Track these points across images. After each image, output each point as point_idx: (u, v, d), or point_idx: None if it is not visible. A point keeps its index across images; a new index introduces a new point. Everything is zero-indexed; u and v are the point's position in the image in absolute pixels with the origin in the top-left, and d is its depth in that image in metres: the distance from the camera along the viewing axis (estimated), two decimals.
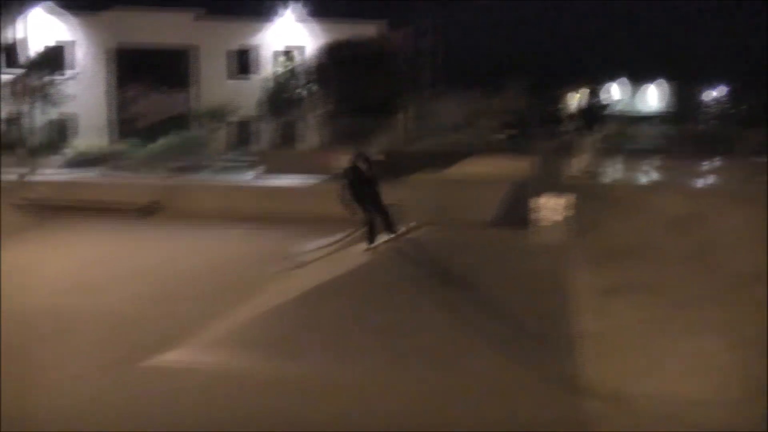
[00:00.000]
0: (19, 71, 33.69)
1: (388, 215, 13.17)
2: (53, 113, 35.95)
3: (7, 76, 35.01)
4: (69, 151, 33.81)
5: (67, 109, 36.29)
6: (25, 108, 30.65)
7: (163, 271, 16.09)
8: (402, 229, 13.16)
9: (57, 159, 32.38)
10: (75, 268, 16.28)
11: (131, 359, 10.04)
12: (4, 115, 34.64)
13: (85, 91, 38.24)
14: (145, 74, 37.37)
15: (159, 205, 25.49)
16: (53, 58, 37.33)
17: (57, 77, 36.25)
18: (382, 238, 13.36)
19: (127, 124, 36.83)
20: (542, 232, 12.21)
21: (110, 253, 18.40)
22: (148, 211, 25.17)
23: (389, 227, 13.21)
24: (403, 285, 11.35)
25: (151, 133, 34.47)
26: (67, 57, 39.60)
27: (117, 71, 40.11)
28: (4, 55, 36.41)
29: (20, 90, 32.18)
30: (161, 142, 33.54)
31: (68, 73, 38.47)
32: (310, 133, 36.76)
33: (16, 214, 22.17)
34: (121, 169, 31.29)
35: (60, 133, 37.01)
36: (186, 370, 9.69)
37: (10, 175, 26.62)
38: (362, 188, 13.10)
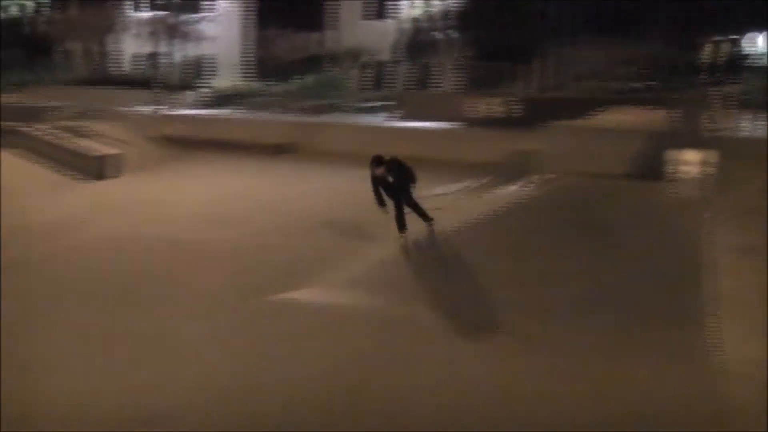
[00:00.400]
0: (162, 11, 34.31)
1: (419, 208, 12.48)
2: (192, 52, 36.67)
3: (149, 15, 35.84)
4: (207, 90, 34.37)
5: (206, 48, 36.93)
6: (166, 46, 31.26)
7: (297, 207, 16.27)
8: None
9: (195, 97, 32.99)
10: (210, 202, 16.53)
11: (263, 292, 10.08)
12: (144, 52, 35.58)
13: (223, 31, 38.78)
14: (282, 15, 37.50)
15: (293, 143, 25.71)
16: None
17: (197, 17, 36.87)
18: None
19: (263, 64, 37.16)
20: (679, 186, 11.66)
21: (245, 189, 18.76)
22: (282, 150, 25.41)
23: (425, 218, 12.50)
24: (537, 234, 11.13)
25: (286, 73, 34.64)
26: None
27: (255, 12, 40.45)
28: None
29: (161, 28, 32.80)
30: (296, 81, 33.67)
31: (208, 13, 39.05)
32: (446, 77, 36.26)
33: (155, 148, 22.73)
34: (257, 108, 31.64)
35: (198, 71, 37.80)
36: (316, 305, 9.70)
37: (149, 109, 27.30)
38: (390, 191, 12.38)
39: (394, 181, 11.98)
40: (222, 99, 32.95)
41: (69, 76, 36.35)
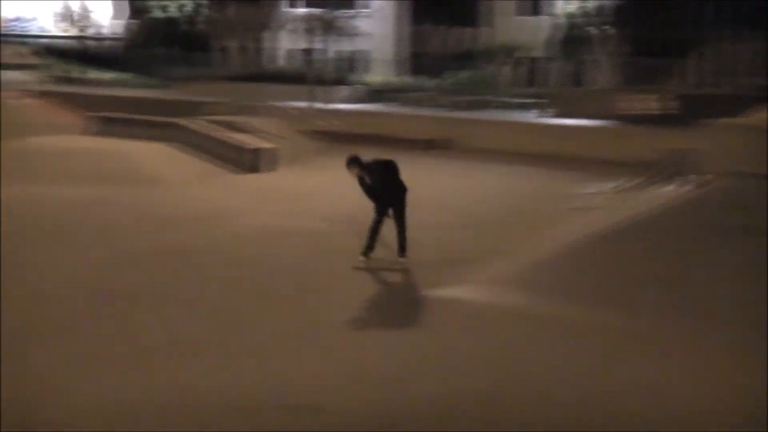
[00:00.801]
0: (317, 8, 34.70)
1: (404, 232, 11.16)
2: (346, 48, 37.00)
3: (304, 11, 36.39)
4: (360, 85, 34.57)
5: (360, 44, 37.17)
6: (321, 42, 31.61)
7: (449, 203, 16.25)
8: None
9: (348, 92, 33.20)
10: (363, 196, 16.50)
11: (419, 286, 10.18)
12: (299, 48, 36.17)
13: (377, 27, 38.94)
14: (436, 11, 37.32)
15: (445, 139, 25.47)
16: None
17: (351, 13, 37.18)
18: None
19: (416, 60, 37.05)
20: None
21: None
22: (434, 145, 25.21)
23: (401, 248, 11.16)
24: (695, 236, 10.58)
25: (439, 68, 34.44)
26: None
27: (409, 8, 40.47)
28: None
29: (317, 25, 33.18)
30: (450, 77, 33.42)
31: (362, 9, 39.31)
32: (600, 74, 35.21)
33: (309, 143, 22.95)
34: (410, 103, 31.56)
35: (352, 67, 38.10)
36: (473, 301, 9.51)
37: (303, 104, 27.65)
38: (374, 197, 11.37)
39: (378, 186, 11.15)
40: (375, 94, 33.09)
41: (225, 72, 37.36)
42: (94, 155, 16.96)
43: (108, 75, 41.02)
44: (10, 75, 36.23)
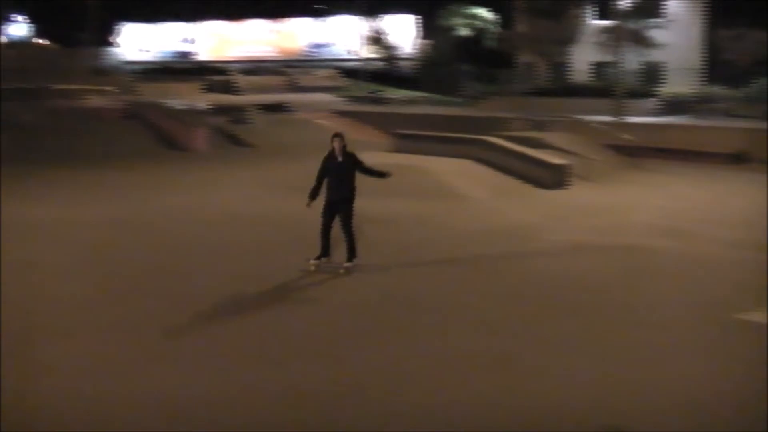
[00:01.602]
0: (618, 19, 34.32)
1: (352, 236, 11.22)
2: (646, 58, 36.38)
3: (607, 22, 36.16)
4: (660, 97, 33.86)
5: (659, 54, 36.41)
6: (619, 54, 31.31)
7: (752, 220, 15.42)
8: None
9: (647, 104, 32.63)
10: (663, 211, 16.38)
11: (719, 307, 9.72)
12: (602, 60, 36.03)
13: (675, 35, 37.92)
14: (736, 15, 35.67)
15: (751, 152, 24.35)
16: (646, 6, 37.67)
17: (652, 22, 36.54)
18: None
19: (718, 68, 35.60)
20: None
21: (698, 199, 18.37)
22: (740, 159, 24.20)
23: (349, 253, 11.24)
24: None
25: (744, 76, 32.94)
26: (660, 3, 39.67)
27: (707, 14, 39.16)
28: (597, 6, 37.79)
29: (619, 36, 32.87)
30: (753, 85, 31.88)
31: (661, 19, 38.50)
32: None
33: (611, 157, 22.90)
34: (712, 114, 30.50)
35: (652, 78, 37.37)
36: None
37: (605, 118, 27.54)
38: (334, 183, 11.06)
39: (342, 172, 11.08)
40: (676, 106, 32.29)
41: (526, 88, 37.92)
42: (405, 170, 17.85)
43: (408, 93, 42.97)
44: (318, 97, 39.11)
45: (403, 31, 55.86)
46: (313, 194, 11.21)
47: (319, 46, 65.67)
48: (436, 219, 15.31)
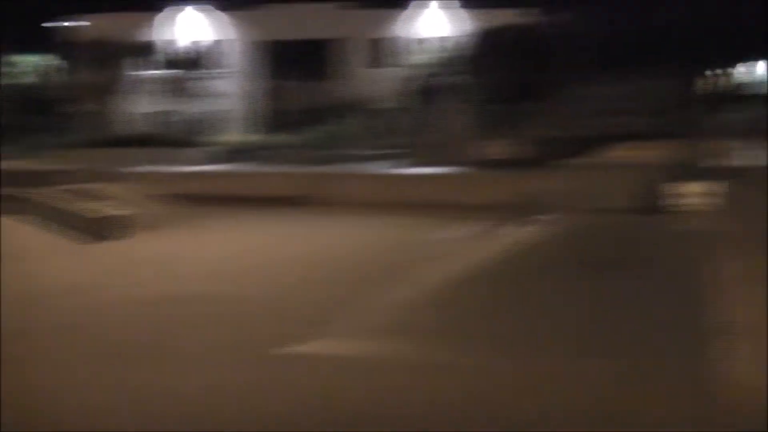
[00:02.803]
0: (173, 69, 34.48)
1: None
2: (203, 107, 36.80)
3: (161, 73, 36.09)
4: (218, 145, 34.38)
5: (217, 103, 37.01)
6: (177, 103, 31.39)
7: (313, 260, 16.17)
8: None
9: (207, 152, 32.96)
10: (225, 258, 16.43)
11: (271, 345, 9.78)
12: (156, 110, 35.74)
13: (233, 86, 38.97)
14: (291, 67, 37.69)
15: (307, 195, 25.60)
16: (204, 55, 38.31)
17: (208, 73, 37.08)
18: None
19: (274, 117, 37.12)
20: (686, 218, 11.57)
21: (259, 243, 18.68)
22: (296, 202, 25.26)
23: None
24: (545, 273, 11.01)
25: (298, 124, 34.72)
26: (217, 53, 40.51)
27: (265, 66, 40.78)
28: (158, 54, 37.58)
29: (174, 86, 32.97)
30: (308, 133, 33.70)
31: (218, 69, 39.29)
32: (455, 121, 36.20)
33: (168, 207, 22.54)
34: (270, 161, 31.61)
35: (209, 126, 37.84)
36: (330, 357, 9.34)
37: (163, 167, 27.22)
38: None
39: None
40: (234, 153, 32.94)
41: (82, 138, 36.46)
42: None
43: None
44: None
45: None
46: None
47: None
48: None
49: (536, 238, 12.79)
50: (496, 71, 32.69)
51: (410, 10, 41.07)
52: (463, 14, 39.93)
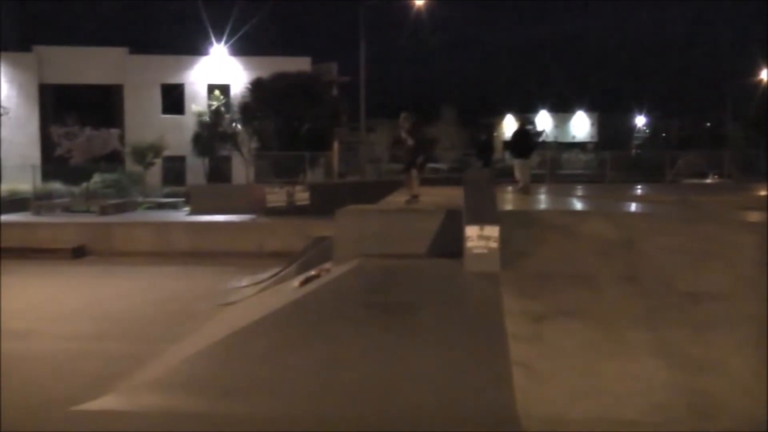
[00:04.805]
0: None
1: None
2: None
3: None
4: None
5: None
6: None
7: (94, 312, 15.92)
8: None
9: None
10: (5, 313, 15.85)
11: (61, 402, 9.78)
12: None
13: (12, 131, 37.56)
14: (75, 112, 36.57)
15: (90, 245, 25.25)
16: None
17: None
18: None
19: (56, 164, 35.96)
20: (476, 260, 12.17)
21: (40, 297, 18.07)
22: (81, 252, 24.86)
23: None
24: (340, 317, 11.18)
25: (81, 171, 33.91)
26: None
27: (45, 110, 39.57)
28: None
29: None
30: (93, 180, 33.06)
31: None
32: (243, 168, 36.68)
33: None
34: (51, 210, 30.75)
35: None
36: (117, 413, 9.45)
37: None
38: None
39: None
40: (15, 203, 31.69)
41: None
42: None
43: None
44: None
45: None
46: None
47: None
48: None
49: (323, 284, 12.75)
50: (278, 118, 33.35)
51: (199, 57, 41.30)
52: (249, 63, 40.57)
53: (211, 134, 36.57)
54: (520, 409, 8.69)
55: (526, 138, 20.33)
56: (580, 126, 60.88)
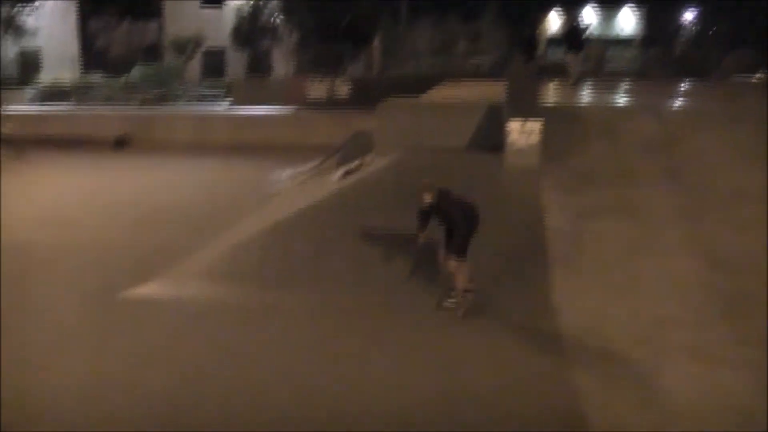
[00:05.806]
0: None
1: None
2: (19, 46, 35.11)
3: None
4: (38, 85, 33.11)
5: (34, 42, 35.32)
6: None
7: (138, 202, 16.08)
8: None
9: (26, 93, 31.78)
10: (48, 203, 16.11)
11: (110, 290, 9.95)
12: None
13: (50, 23, 37.30)
14: (114, 4, 36.18)
15: (132, 136, 25.38)
16: None
17: (24, 9, 35.23)
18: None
19: (97, 56, 35.88)
20: (518, 156, 12.02)
21: (85, 187, 18.33)
22: (121, 144, 25.04)
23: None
24: (379, 211, 11.08)
25: (122, 64, 33.83)
26: None
27: (85, 2, 39.14)
28: None
29: None
30: (133, 72, 33.00)
31: (33, 4, 37.30)
32: (282, 62, 36.36)
33: None
34: (93, 102, 30.88)
35: (27, 66, 36.14)
36: (164, 300, 9.63)
37: None
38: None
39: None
40: (56, 94, 31.89)
41: None
42: None
43: None
44: None
45: None
46: None
47: None
48: None
49: (363, 176, 12.84)
50: (320, 11, 32.85)
51: None
52: None
53: (252, 27, 36.14)
54: (557, 304, 8.71)
55: (576, 32, 20.30)
56: (627, 20, 59.23)
